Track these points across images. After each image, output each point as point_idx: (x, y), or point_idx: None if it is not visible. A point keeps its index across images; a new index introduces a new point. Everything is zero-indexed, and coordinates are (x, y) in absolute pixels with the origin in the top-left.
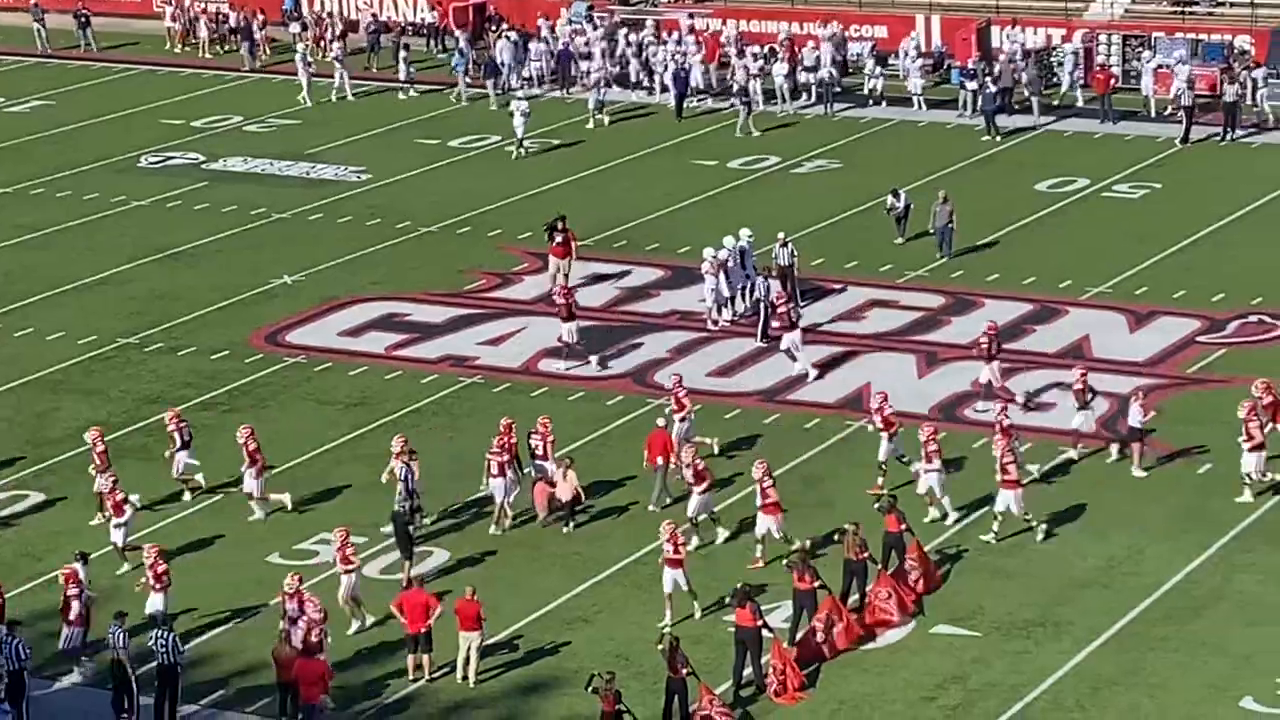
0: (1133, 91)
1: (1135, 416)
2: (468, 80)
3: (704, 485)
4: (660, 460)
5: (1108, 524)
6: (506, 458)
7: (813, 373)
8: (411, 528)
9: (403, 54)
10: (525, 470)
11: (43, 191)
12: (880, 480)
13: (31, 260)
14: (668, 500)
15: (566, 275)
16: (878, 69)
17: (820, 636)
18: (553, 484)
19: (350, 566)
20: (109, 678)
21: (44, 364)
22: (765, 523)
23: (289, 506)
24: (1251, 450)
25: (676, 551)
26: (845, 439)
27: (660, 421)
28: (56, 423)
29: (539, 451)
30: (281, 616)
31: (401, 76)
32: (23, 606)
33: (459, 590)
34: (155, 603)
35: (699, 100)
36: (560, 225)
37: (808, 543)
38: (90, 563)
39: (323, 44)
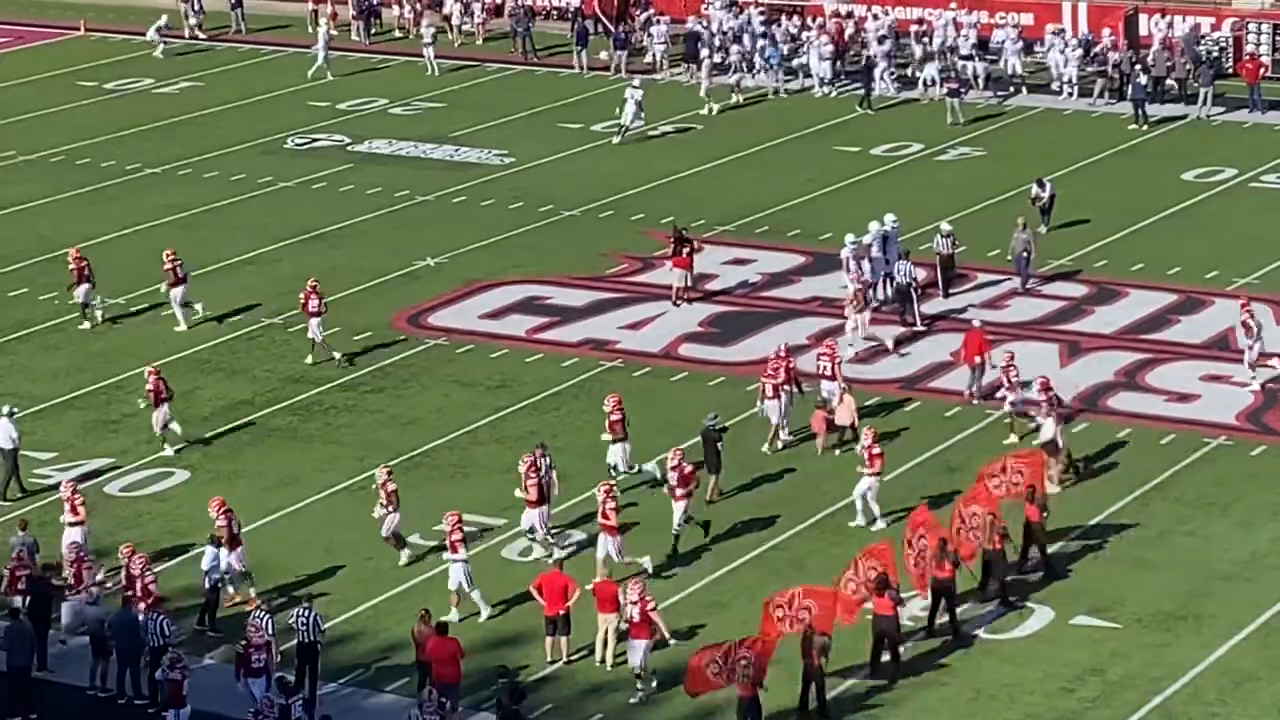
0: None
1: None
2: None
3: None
4: (977, 358)
5: (1252, 516)
6: (781, 379)
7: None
8: (719, 445)
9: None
10: (804, 391)
11: (190, 172)
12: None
13: (178, 240)
14: (978, 396)
15: (689, 288)
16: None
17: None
18: (831, 410)
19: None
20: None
21: (189, 343)
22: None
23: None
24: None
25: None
26: (985, 428)
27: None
28: (201, 402)
29: (826, 372)
30: None
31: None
32: (166, 584)
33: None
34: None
35: (833, 88)
36: (685, 236)
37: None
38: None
39: (450, 21)
